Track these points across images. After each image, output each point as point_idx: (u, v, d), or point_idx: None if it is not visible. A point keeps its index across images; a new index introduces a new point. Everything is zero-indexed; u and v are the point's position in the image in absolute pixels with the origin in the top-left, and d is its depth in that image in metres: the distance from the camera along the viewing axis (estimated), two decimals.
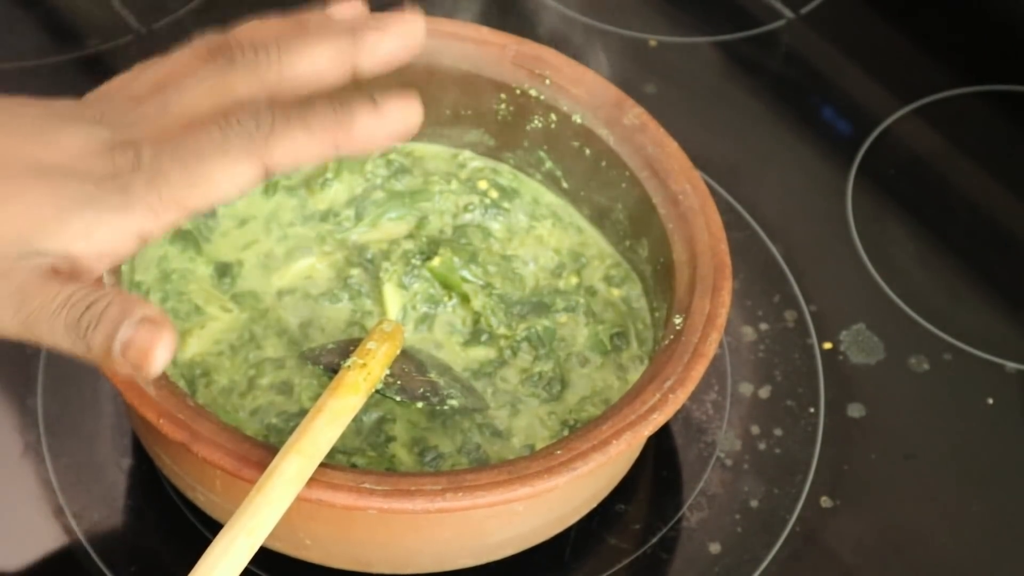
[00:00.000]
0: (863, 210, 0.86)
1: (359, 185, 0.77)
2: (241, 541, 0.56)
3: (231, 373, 0.70)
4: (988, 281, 0.84)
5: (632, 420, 0.63)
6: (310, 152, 0.55)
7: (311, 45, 0.58)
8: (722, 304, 0.67)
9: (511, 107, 0.76)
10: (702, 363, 0.65)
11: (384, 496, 0.60)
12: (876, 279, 0.83)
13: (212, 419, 0.62)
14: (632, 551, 0.72)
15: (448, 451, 0.68)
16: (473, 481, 0.60)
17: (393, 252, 0.74)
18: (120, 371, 0.55)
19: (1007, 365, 0.80)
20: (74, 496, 0.71)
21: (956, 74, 0.93)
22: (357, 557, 0.67)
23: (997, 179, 0.88)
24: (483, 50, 0.75)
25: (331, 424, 0.61)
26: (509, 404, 0.71)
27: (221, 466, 0.60)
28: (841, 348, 0.79)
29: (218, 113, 0.55)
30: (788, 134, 0.90)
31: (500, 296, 0.73)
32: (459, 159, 0.79)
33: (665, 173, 0.72)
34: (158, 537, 0.71)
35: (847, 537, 0.73)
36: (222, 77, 0.57)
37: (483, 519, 0.65)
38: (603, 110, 0.74)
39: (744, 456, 0.75)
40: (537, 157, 0.77)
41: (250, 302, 0.73)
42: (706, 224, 0.70)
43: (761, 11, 0.96)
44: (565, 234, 0.77)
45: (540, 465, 0.61)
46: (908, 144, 0.90)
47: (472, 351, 0.72)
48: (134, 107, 0.57)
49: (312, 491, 0.59)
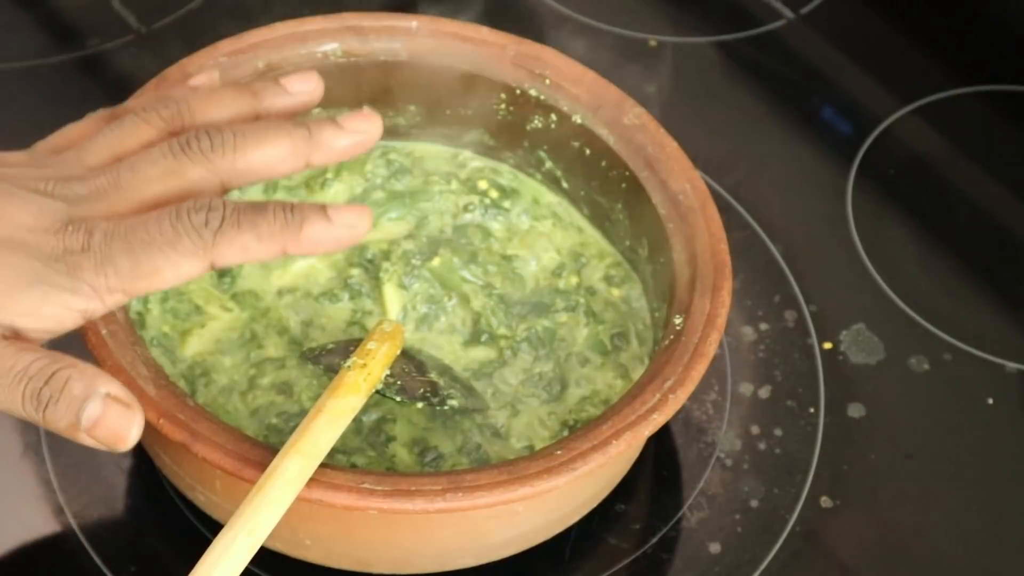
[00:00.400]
0: (863, 210, 0.86)
1: (359, 185, 0.77)
2: (241, 541, 0.56)
3: (231, 373, 0.70)
4: (988, 281, 0.84)
5: (632, 420, 0.63)
6: (257, 254, 0.57)
7: (267, 140, 0.60)
8: (722, 304, 0.67)
9: (511, 107, 0.76)
10: (702, 363, 0.65)
11: (384, 496, 0.60)
12: (876, 279, 0.83)
13: (212, 419, 0.62)
14: (632, 551, 0.72)
15: (448, 451, 0.68)
16: (473, 481, 0.60)
17: (393, 252, 0.74)
18: (85, 444, 0.56)
19: (1007, 365, 0.80)
20: (74, 496, 0.71)
21: (956, 74, 0.93)
22: (357, 557, 0.67)
23: (997, 179, 0.88)
24: (483, 50, 0.75)
25: (332, 424, 0.61)
26: (509, 404, 0.70)
27: (221, 466, 0.60)
28: (841, 348, 0.79)
29: (170, 199, 0.57)
30: (788, 134, 0.90)
31: (500, 296, 0.73)
32: (459, 159, 0.79)
33: (665, 173, 0.72)
34: (158, 537, 0.71)
35: (847, 537, 0.73)
36: (176, 161, 0.59)
37: (483, 519, 0.65)
38: (603, 110, 0.74)
39: (744, 456, 0.75)
40: (537, 157, 0.77)
41: (250, 301, 0.73)
42: (706, 224, 0.70)
43: (761, 11, 0.96)
44: (565, 234, 0.77)
45: (540, 465, 0.61)
46: (908, 144, 0.90)
47: (472, 351, 0.72)
48: (86, 176, 0.58)
49: (312, 491, 0.59)
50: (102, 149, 0.60)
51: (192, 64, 0.72)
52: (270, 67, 0.73)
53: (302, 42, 0.74)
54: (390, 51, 0.75)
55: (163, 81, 0.71)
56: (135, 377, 0.62)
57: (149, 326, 0.71)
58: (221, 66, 0.72)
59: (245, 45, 0.73)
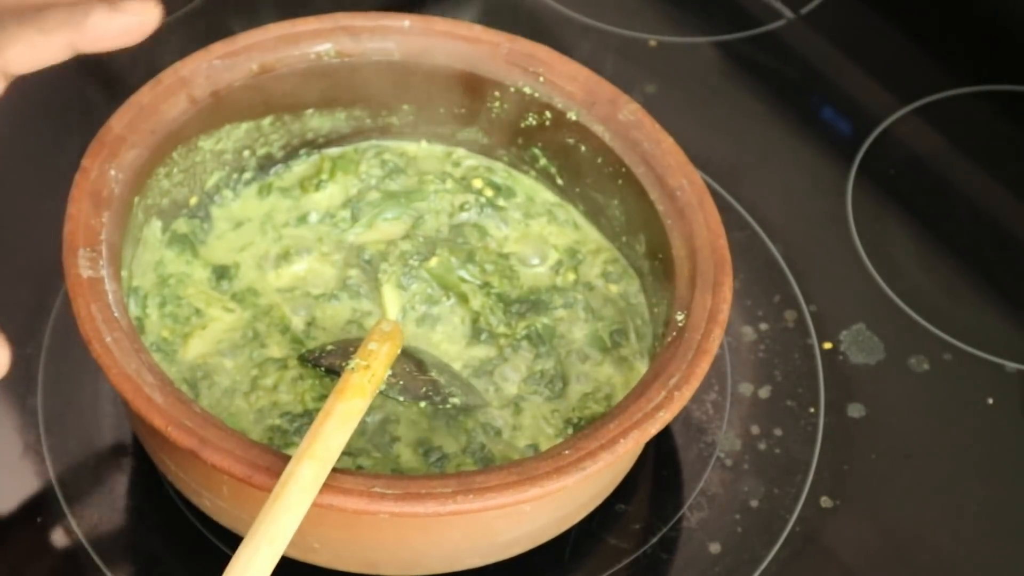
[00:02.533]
0: (863, 210, 0.86)
1: (354, 186, 0.77)
2: (264, 551, 0.56)
3: (233, 374, 0.70)
4: (988, 281, 0.84)
5: (639, 419, 0.63)
6: (46, 51, 0.58)
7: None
8: (724, 300, 0.67)
9: (505, 105, 0.76)
10: (706, 359, 0.65)
11: (395, 500, 0.59)
12: (876, 279, 0.83)
13: (220, 425, 0.62)
14: (632, 551, 0.72)
15: (453, 451, 0.68)
16: (483, 483, 0.60)
17: (391, 253, 0.74)
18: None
19: (1007, 365, 0.80)
20: (74, 496, 0.71)
21: (956, 74, 0.92)
22: (365, 560, 0.67)
23: (997, 179, 0.88)
24: (476, 48, 0.75)
25: (341, 427, 0.61)
26: (512, 403, 0.71)
27: (231, 472, 0.60)
28: (841, 348, 0.79)
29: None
30: (788, 134, 0.90)
31: (498, 295, 0.73)
32: (453, 157, 0.79)
33: (662, 169, 0.72)
34: (158, 537, 0.71)
35: (847, 537, 0.73)
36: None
37: (492, 519, 0.65)
38: (598, 107, 0.74)
39: (744, 456, 0.75)
40: (532, 154, 0.77)
41: (251, 299, 0.73)
42: (704, 220, 0.70)
43: (761, 11, 0.96)
44: (562, 231, 0.77)
45: (549, 465, 0.61)
46: (908, 144, 0.90)
47: (472, 350, 0.72)
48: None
49: (324, 496, 0.59)
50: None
51: (185, 67, 0.72)
52: (264, 68, 0.73)
53: (295, 43, 0.74)
54: (383, 50, 0.75)
55: (157, 84, 0.71)
56: (141, 385, 0.62)
57: (148, 331, 0.71)
58: (215, 68, 0.72)
59: (238, 47, 0.73)
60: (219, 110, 0.73)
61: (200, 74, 0.72)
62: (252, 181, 0.77)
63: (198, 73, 0.72)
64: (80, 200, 0.67)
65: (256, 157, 0.77)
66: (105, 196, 0.67)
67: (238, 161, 0.76)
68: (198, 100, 0.72)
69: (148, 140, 0.70)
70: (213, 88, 0.72)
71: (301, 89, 0.75)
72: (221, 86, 0.73)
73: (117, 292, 0.65)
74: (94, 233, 0.66)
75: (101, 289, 0.64)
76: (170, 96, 0.71)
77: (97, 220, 0.66)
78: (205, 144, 0.74)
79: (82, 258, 0.65)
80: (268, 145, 0.76)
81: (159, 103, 0.71)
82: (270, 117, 0.75)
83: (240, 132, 0.75)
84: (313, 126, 0.77)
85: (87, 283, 0.64)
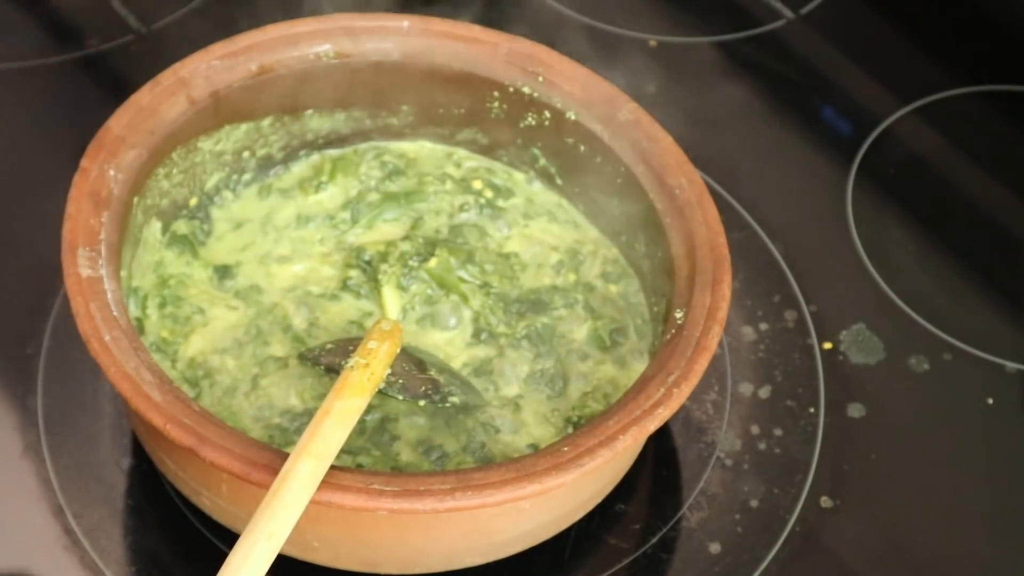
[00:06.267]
0: (863, 210, 0.85)
1: (353, 187, 0.77)
2: (261, 546, 0.56)
3: (234, 373, 0.70)
4: (988, 281, 0.84)
5: (638, 415, 0.63)
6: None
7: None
8: (723, 297, 0.67)
9: (504, 105, 0.76)
10: (705, 356, 0.65)
11: (394, 497, 0.59)
12: (876, 279, 0.83)
13: (218, 423, 0.62)
14: (632, 551, 0.72)
15: (453, 450, 0.68)
16: (482, 480, 0.60)
17: (391, 254, 0.74)
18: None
19: (1007, 365, 0.80)
20: (74, 496, 0.71)
21: (956, 74, 0.93)
22: (365, 558, 0.67)
23: (997, 179, 0.88)
24: (476, 48, 0.75)
25: (339, 425, 0.61)
26: (512, 402, 0.71)
27: (229, 470, 0.60)
28: (841, 348, 0.79)
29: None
30: (788, 134, 0.90)
31: (498, 295, 0.73)
32: (453, 158, 0.79)
33: (661, 168, 0.72)
34: (158, 537, 0.71)
35: (847, 537, 0.73)
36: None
37: (491, 517, 0.65)
38: (597, 106, 0.74)
39: (744, 456, 0.75)
40: (531, 154, 0.77)
41: (255, 296, 0.73)
42: (704, 218, 0.70)
43: (761, 11, 0.96)
44: (561, 231, 0.77)
45: (548, 462, 0.61)
46: (908, 144, 0.90)
47: (472, 350, 0.72)
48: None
49: (322, 493, 0.59)
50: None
51: (184, 68, 0.72)
52: (263, 69, 0.73)
53: (294, 44, 0.74)
54: (382, 51, 0.75)
55: (156, 85, 0.71)
56: (140, 383, 0.62)
57: (148, 332, 0.71)
58: (214, 69, 0.72)
59: (238, 48, 0.73)
60: (218, 111, 0.73)
61: (199, 75, 0.72)
62: (252, 182, 0.77)
63: (197, 74, 0.72)
64: (79, 200, 0.67)
65: (256, 158, 0.77)
66: (104, 196, 0.68)
67: (238, 162, 0.76)
68: (197, 101, 0.72)
69: (147, 141, 0.70)
70: (212, 89, 0.73)
71: (300, 90, 0.75)
72: (220, 87, 0.73)
73: (116, 291, 0.65)
74: (93, 233, 0.66)
75: (100, 288, 0.64)
76: (169, 97, 0.71)
77: (96, 220, 0.67)
78: (204, 145, 0.74)
79: (81, 257, 0.65)
80: (268, 146, 0.77)
81: (158, 104, 0.71)
82: (269, 118, 0.76)
83: (239, 133, 0.75)
84: (312, 127, 0.77)
85: (86, 282, 0.64)
